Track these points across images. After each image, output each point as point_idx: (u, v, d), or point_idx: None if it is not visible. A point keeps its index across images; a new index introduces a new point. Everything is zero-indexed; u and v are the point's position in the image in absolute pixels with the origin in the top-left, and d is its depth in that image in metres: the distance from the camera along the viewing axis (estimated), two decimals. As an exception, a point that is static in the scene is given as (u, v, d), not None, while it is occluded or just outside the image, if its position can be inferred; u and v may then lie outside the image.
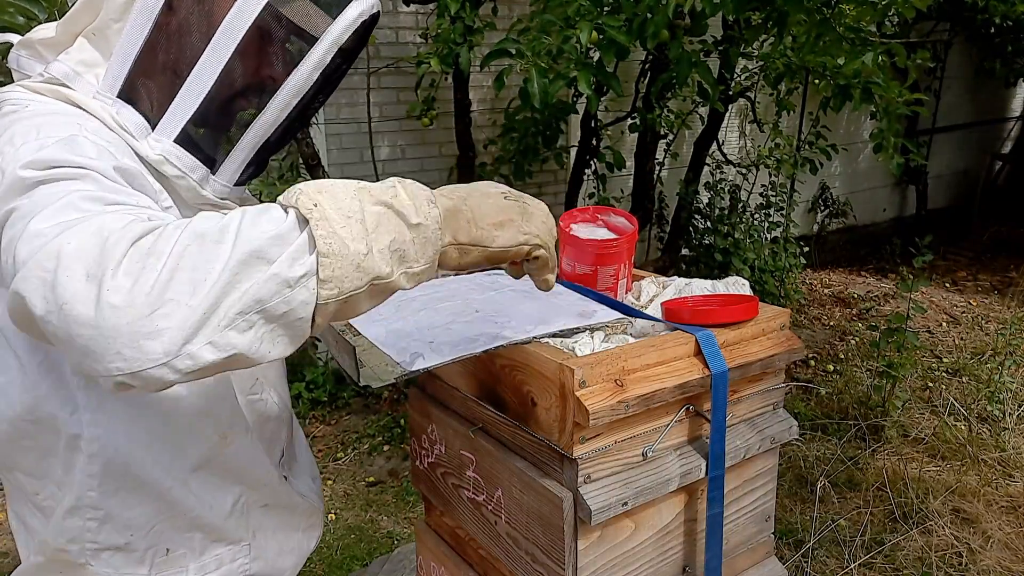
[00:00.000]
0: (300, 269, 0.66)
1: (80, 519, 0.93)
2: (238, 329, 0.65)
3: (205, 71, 0.87)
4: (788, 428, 1.17)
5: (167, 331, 0.62)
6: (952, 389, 3.97)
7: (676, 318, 1.07)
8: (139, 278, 0.62)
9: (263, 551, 1.09)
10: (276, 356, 0.69)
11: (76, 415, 0.89)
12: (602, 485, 0.96)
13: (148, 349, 0.62)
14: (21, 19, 1.94)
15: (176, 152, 0.90)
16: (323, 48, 0.89)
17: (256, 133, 0.92)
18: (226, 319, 0.64)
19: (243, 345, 0.66)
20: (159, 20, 0.87)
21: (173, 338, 0.62)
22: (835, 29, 2.98)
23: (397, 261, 0.72)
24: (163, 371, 0.63)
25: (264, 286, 0.65)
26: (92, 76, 0.89)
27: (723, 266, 4.88)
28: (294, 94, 0.90)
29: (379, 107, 4.08)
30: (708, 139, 4.92)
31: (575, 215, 1.35)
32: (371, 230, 0.70)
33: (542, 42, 2.58)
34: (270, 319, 0.66)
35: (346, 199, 0.70)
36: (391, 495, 3.23)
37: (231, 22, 0.86)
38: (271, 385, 1.09)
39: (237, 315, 0.64)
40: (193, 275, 0.63)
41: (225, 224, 0.66)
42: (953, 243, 6.94)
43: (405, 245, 0.72)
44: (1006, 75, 6.94)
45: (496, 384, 1.06)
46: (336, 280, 0.67)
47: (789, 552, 2.68)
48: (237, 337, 0.65)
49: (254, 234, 0.66)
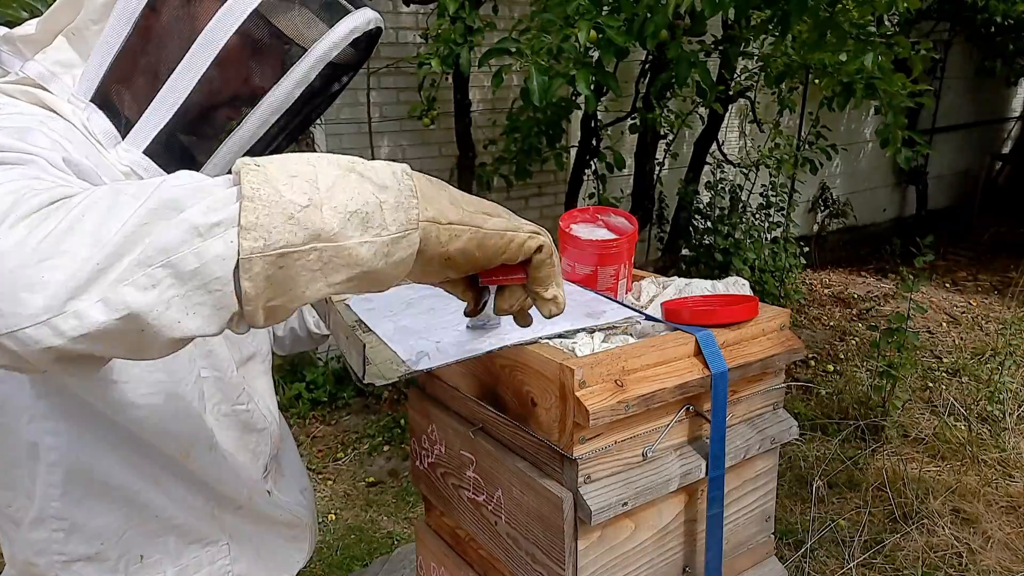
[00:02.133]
0: (215, 216, 0.55)
1: (45, 530, 0.89)
2: (136, 285, 0.54)
3: (181, 80, 0.83)
4: (788, 428, 1.17)
5: (51, 284, 0.52)
6: (952, 389, 3.97)
7: (676, 318, 1.07)
8: (37, 228, 0.54)
9: (243, 552, 1.05)
10: (191, 331, 0.56)
11: (33, 423, 0.85)
12: (602, 485, 0.96)
13: (26, 302, 0.52)
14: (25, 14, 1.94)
15: (144, 164, 0.85)
16: (307, 64, 0.84)
17: (231, 148, 0.87)
18: (124, 272, 0.53)
19: (142, 305, 0.54)
20: (138, 23, 0.83)
21: (56, 292, 0.52)
22: (840, 26, 2.98)
23: (358, 224, 0.59)
24: (42, 331, 0.53)
25: (169, 232, 0.54)
26: (69, 77, 0.85)
27: (723, 266, 4.88)
28: (273, 111, 0.85)
29: (379, 107, 4.08)
30: (708, 139, 4.92)
31: (575, 215, 1.35)
32: (323, 190, 0.58)
33: (542, 41, 2.58)
34: (180, 277, 0.54)
35: (297, 164, 0.60)
36: (391, 495, 3.23)
37: (211, 30, 0.82)
38: (259, 396, 1.06)
39: (136, 266, 0.54)
40: (96, 228, 0.54)
41: (148, 182, 0.58)
42: (953, 243, 6.94)
43: (369, 207, 0.60)
44: (1006, 75, 6.95)
45: (496, 384, 1.06)
46: (261, 229, 0.55)
47: (789, 552, 2.68)
48: (135, 294, 0.53)
49: (175, 184, 0.57)
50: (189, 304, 0.55)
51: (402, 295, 1.17)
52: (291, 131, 0.94)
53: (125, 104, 0.86)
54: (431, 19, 3.91)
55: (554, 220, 1.34)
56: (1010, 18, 5.57)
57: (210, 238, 0.54)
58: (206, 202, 0.55)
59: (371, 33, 0.89)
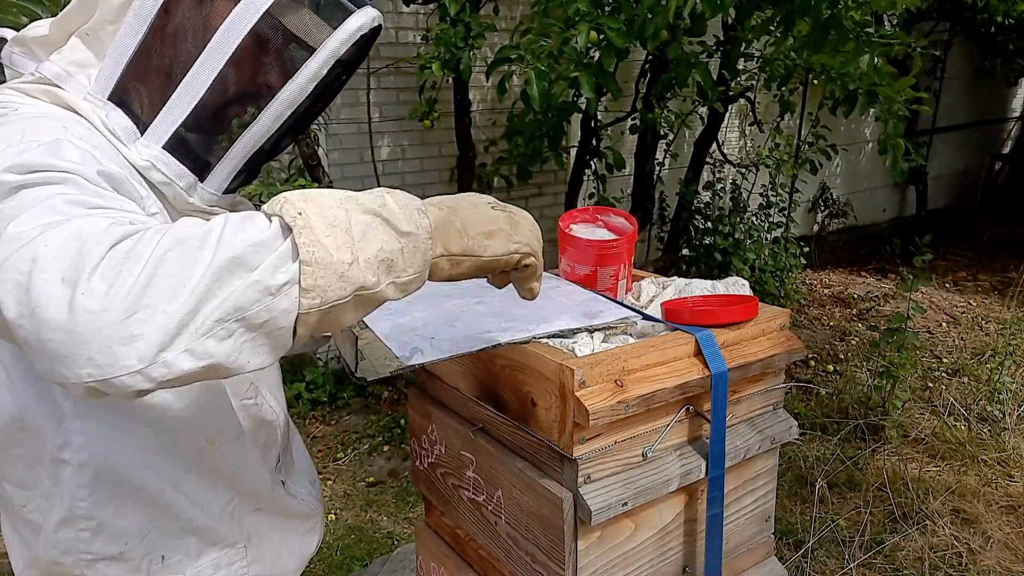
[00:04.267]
0: (282, 277, 0.64)
1: (73, 530, 0.91)
2: (216, 337, 0.63)
3: (198, 78, 0.86)
4: (788, 428, 1.17)
5: (142, 337, 0.60)
6: (952, 389, 3.97)
7: (676, 318, 1.07)
8: (115, 282, 0.60)
9: (261, 554, 1.08)
10: (256, 366, 0.67)
11: (63, 424, 0.87)
12: (602, 485, 0.96)
13: (122, 355, 0.60)
14: (25, 19, 1.93)
15: (164, 159, 0.88)
16: (320, 60, 0.87)
17: (247, 143, 0.90)
18: (204, 326, 0.62)
19: (221, 354, 0.64)
20: (154, 24, 0.86)
21: (149, 345, 0.60)
22: (843, 25, 2.97)
23: (385, 270, 0.70)
24: (136, 379, 0.61)
25: (244, 293, 0.63)
26: (84, 77, 0.87)
27: (723, 266, 4.88)
28: (287, 105, 0.88)
29: (379, 108, 4.08)
30: (708, 139, 4.92)
31: (575, 215, 1.35)
32: (357, 239, 0.68)
33: (541, 45, 2.58)
34: (250, 328, 0.64)
35: (332, 208, 0.68)
36: (391, 495, 3.23)
37: (226, 30, 0.84)
38: (267, 390, 1.08)
39: (216, 323, 0.62)
40: (172, 281, 0.61)
41: (207, 230, 0.65)
42: (953, 243, 6.94)
43: (393, 254, 0.71)
44: (1006, 75, 6.95)
45: (496, 384, 1.06)
46: (319, 289, 0.65)
47: (789, 552, 2.68)
48: (215, 345, 0.63)
49: (236, 240, 0.64)
50: (256, 346, 0.66)
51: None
52: (296, 128, 0.97)
53: (142, 102, 0.88)
54: (431, 19, 3.91)
55: (554, 220, 1.33)
56: (1010, 18, 5.57)
57: (278, 295, 0.64)
58: (270, 260, 0.64)
59: (373, 31, 0.91)
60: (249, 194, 3.04)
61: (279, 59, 0.90)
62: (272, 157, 1.01)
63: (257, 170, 1.00)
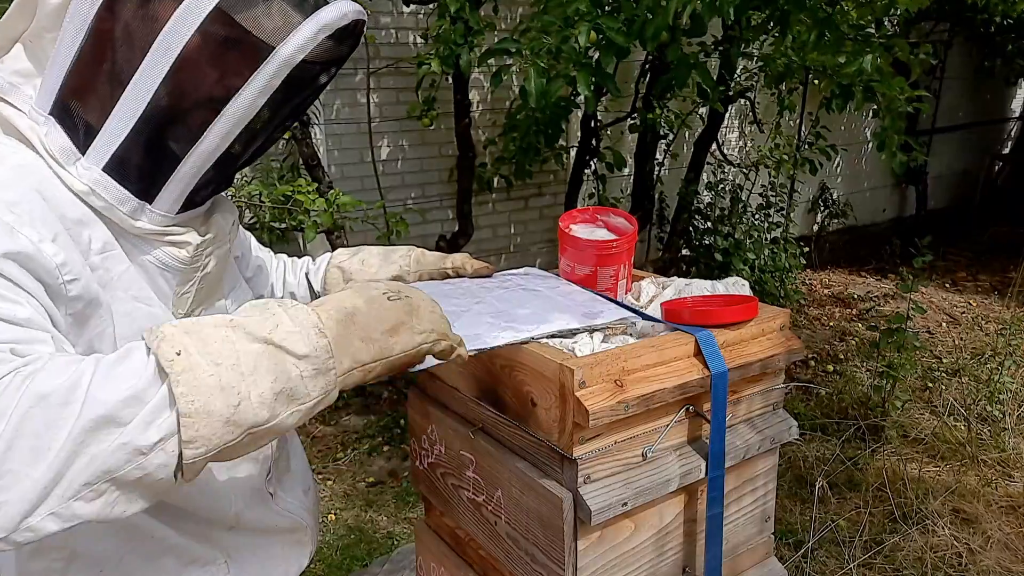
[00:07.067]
0: (155, 434, 0.61)
1: (44, 560, 0.87)
2: (85, 499, 0.61)
3: (139, 90, 0.76)
4: (788, 428, 1.17)
5: (4, 505, 0.58)
6: (952, 389, 3.97)
7: (676, 318, 1.07)
8: None
9: (243, 569, 1.02)
10: (133, 511, 0.64)
11: None
12: (602, 485, 0.96)
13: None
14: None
15: (104, 182, 0.79)
16: (270, 70, 0.76)
17: (195, 162, 0.80)
18: (71, 490, 0.60)
19: (91, 513, 0.61)
20: (92, 31, 0.77)
21: (10, 513, 0.58)
22: (838, 28, 2.98)
23: (285, 401, 0.66)
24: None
25: (114, 455, 0.60)
26: (30, 88, 0.80)
27: (723, 266, 4.88)
28: (235, 122, 0.78)
29: (379, 107, 4.08)
30: (708, 139, 4.92)
31: (575, 215, 1.35)
32: (248, 374, 0.64)
33: (541, 42, 2.58)
34: (123, 486, 0.62)
35: (216, 342, 0.64)
36: (391, 495, 3.23)
37: (168, 34, 0.74)
38: None
39: (83, 486, 0.60)
40: (35, 442, 0.58)
41: (74, 382, 0.60)
42: (953, 243, 6.94)
43: (292, 382, 0.67)
44: (1006, 75, 6.95)
45: (496, 384, 1.06)
46: (203, 439, 0.62)
47: (789, 552, 2.68)
48: (84, 507, 0.61)
49: (103, 395, 0.60)
50: (132, 498, 0.63)
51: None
52: (275, 128, 0.90)
53: (83, 118, 0.80)
54: (431, 19, 3.91)
55: (554, 220, 1.33)
56: (1010, 18, 5.57)
57: (152, 453, 0.61)
58: (141, 416, 0.60)
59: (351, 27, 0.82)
60: (249, 195, 3.04)
61: (231, 66, 0.78)
62: (250, 163, 0.94)
63: (230, 178, 0.93)
